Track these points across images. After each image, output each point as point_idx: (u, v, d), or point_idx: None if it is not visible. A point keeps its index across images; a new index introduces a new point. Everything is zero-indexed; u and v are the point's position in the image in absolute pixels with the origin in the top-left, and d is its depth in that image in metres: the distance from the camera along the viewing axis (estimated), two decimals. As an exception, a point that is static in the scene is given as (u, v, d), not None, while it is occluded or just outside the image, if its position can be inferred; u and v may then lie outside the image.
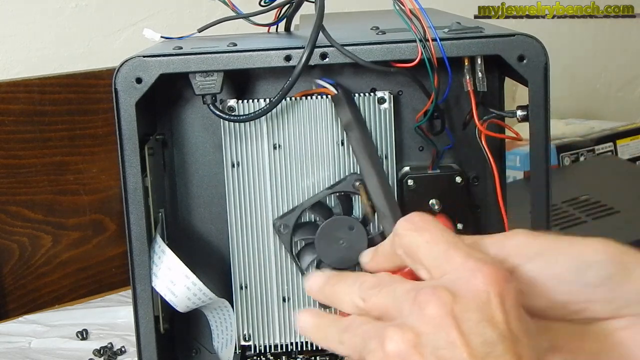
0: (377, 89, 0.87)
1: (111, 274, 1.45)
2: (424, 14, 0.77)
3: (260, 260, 0.88)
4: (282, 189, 0.86)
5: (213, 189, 0.91)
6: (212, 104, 0.81)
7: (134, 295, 0.82)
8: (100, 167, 1.41)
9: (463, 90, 0.81)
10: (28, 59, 1.49)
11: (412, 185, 0.87)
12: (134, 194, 0.81)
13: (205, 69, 0.79)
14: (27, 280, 1.39)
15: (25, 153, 1.36)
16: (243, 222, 0.87)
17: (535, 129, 0.79)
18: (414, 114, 0.87)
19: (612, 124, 1.82)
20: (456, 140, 0.89)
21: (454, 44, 0.78)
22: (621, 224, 1.30)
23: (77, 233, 1.42)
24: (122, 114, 0.80)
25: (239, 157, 0.86)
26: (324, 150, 0.86)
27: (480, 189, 0.90)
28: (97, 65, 1.47)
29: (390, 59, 0.79)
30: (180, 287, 0.82)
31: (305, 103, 0.85)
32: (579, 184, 1.49)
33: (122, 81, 0.79)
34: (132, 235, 0.81)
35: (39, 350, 1.15)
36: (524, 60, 0.78)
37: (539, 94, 0.79)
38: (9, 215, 1.36)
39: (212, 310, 0.90)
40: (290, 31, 0.96)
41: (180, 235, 0.92)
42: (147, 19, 1.59)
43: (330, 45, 0.78)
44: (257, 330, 0.89)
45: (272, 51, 0.79)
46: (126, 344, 1.14)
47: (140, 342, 0.83)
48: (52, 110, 1.37)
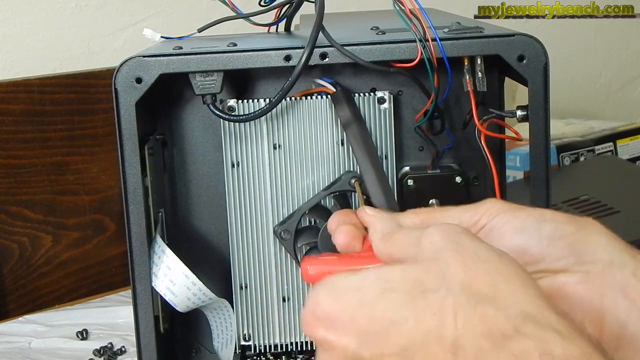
0: (377, 89, 0.87)
1: (111, 274, 1.45)
2: (424, 14, 0.77)
3: (260, 260, 0.88)
4: (282, 189, 0.86)
5: (213, 189, 0.91)
6: (212, 103, 0.81)
7: (134, 295, 0.82)
8: (100, 167, 1.41)
9: (463, 90, 0.81)
10: (28, 59, 1.49)
11: (412, 185, 0.87)
12: (133, 194, 0.81)
13: (205, 68, 0.79)
14: (27, 280, 1.39)
15: (25, 153, 1.36)
16: (243, 222, 0.87)
17: (535, 129, 0.79)
18: (414, 114, 0.87)
19: (612, 124, 1.82)
20: (456, 140, 0.89)
21: (453, 44, 0.78)
22: (621, 224, 1.30)
23: (77, 233, 1.41)
24: (122, 114, 0.80)
25: (238, 157, 0.86)
26: (324, 150, 0.86)
27: (480, 188, 0.90)
28: (97, 65, 1.47)
29: (390, 59, 0.79)
30: (180, 287, 0.82)
31: (305, 103, 0.85)
32: (579, 184, 1.49)
33: (122, 81, 0.79)
34: (132, 235, 0.81)
35: (39, 350, 1.15)
36: (524, 60, 0.78)
37: (538, 94, 0.79)
38: (9, 215, 1.36)
39: (212, 310, 0.90)
40: (290, 31, 0.96)
41: (180, 235, 0.92)
42: (147, 19, 1.59)
43: (330, 45, 0.78)
44: (257, 330, 0.89)
45: (272, 51, 0.79)
46: (126, 344, 1.14)
47: (140, 342, 0.83)
48: (52, 110, 1.37)
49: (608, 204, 1.35)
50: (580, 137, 1.73)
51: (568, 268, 0.55)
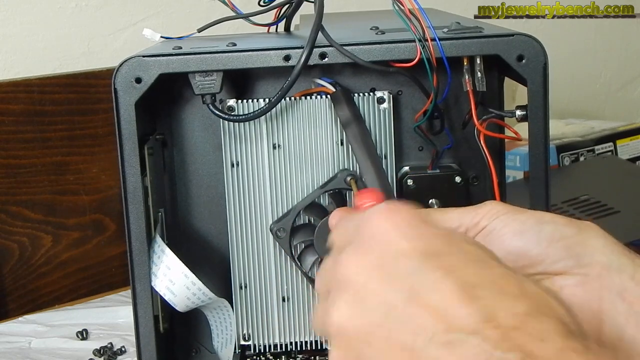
0: (377, 89, 0.87)
1: (111, 274, 1.45)
2: (423, 14, 0.77)
3: (260, 260, 0.88)
4: (281, 189, 0.86)
5: (213, 189, 0.92)
6: (212, 103, 0.81)
7: (134, 295, 0.82)
8: (100, 167, 1.41)
9: (462, 90, 0.81)
10: (28, 59, 1.49)
11: (412, 185, 0.87)
12: (133, 194, 0.81)
13: (205, 68, 0.79)
14: (27, 280, 1.39)
15: (25, 153, 1.36)
16: (243, 222, 0.87)
17: (534, 129, 0.79)
18: (414, 113, 0.87)
19: (612, 124, 1.82)
20: (456, 140, 0.89)
21: (453, 44, 0.78)
22: (621, 224, 1.30)
23: (77, 233, 1.41)
24: (122, 114, 0.80)
25: (238, 157, 0.86)
26: (324, 150, 0.86)
27: (479, 188, 0.90)
28: (97, 65, 1.46)
29: (389, 58, 0.79)
30: (180, 287, 0.82)
31: (305, 103, 0.85)
32: (579, 184, 1.49)
33: (121, 81, 0.79)
34: (132, 235, 0.81)
35: (39, 350, 1.15)
36: (523, 60, 0.78)
37: (538, 94, 0.79)
38: (9, 215, 1.36)
39: (212, 310, 0.90)
40: (290, 31, 0.96)
41: (180, 235, 0.92)
42: (147, 19, 1.59)
43: (329, 45, 0.78)
44: (256, 330, 0.89)
45: (271, 51, 0.79)
46: (126, 344, 1.14)
47: (140, 342, 0.83)
48: (52, 110, 1.37)
49: (608, 204, 1.35)
50: (580, 137, 1.73)
51: (567, 270, 0.55)
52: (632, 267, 0.54)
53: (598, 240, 0.56)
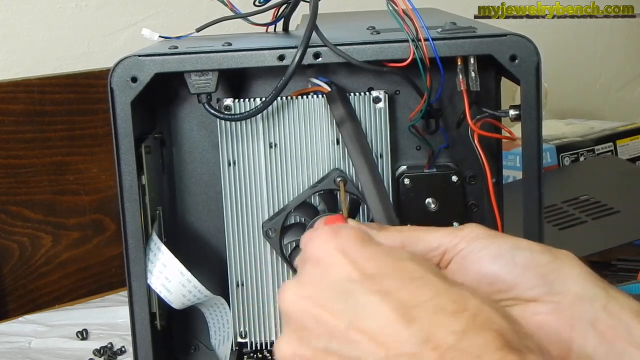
0: (374, 89, 0.88)
1: (111, 274, 1.45)
2: (417, 14, 0.77)
3: (257, 258, 0.88)
4: (278, 188, 0.87)
5: (210, 187, 0.92)
6: (208, 103, 0.81)
7: (130, 292, 0.82)
8: (100, 167, 1.42)
9: (457, 90, 0.81)
10: (28, 59, 1.49)
11: (409, 184, 0.87)
12: (129, 192, 0.81)
13: (200, 68, 0.80)
14: (27, 280, 1.39)
15: (25, 153, 1.36)
16: (239, 220, 0.87)
17: (527, 129, 0.79)
18: (411, 113, 0.87)
19: (612, 124, 1.82)
20: (453, 139, 0.89)
21: (446, 44, 0.78)
22: (621, 224, 1.30)
23: (77, 233, 1.42)
24: (118, 113, 0.80)
25: (235, 155, 0.86)
26: (319, 149, 0.86)
27: (476, 187, 0.90)
28: (97, 65, 1.47)
29: (382, 58, 0.80)
30: (175, 284, 0.83)
31: (301, 102, 0.86)
32: (579, 184, 1.49)
33: (117, 80, 0.80)
34: (128, 233, 0.82)
35: (39, 350, 1.16)
36: (516, 60, 0.78)
37: (530, 94, 0.79)
38: (9, 215, 1.37)
39: (209, 308, 0.91)
40: (288, 31, 0.96)
41: (177, 233, 0.92)
42: (147, 19, 1.59)
43: (323, 44, 0.78)
44: (253, 327, 0.89)
45: (266, 51, 0.80)
46: (126, 344, 1.15)
47: (136, 339, 0.84)
48: (52, 110, 1.37)
49: (608, 204, 1.35)
50: (580, 137, 1.73)
51: (539, 297, 0.56)
52: (605, 298, 0.55)
53: (573, 269, 0.56)
